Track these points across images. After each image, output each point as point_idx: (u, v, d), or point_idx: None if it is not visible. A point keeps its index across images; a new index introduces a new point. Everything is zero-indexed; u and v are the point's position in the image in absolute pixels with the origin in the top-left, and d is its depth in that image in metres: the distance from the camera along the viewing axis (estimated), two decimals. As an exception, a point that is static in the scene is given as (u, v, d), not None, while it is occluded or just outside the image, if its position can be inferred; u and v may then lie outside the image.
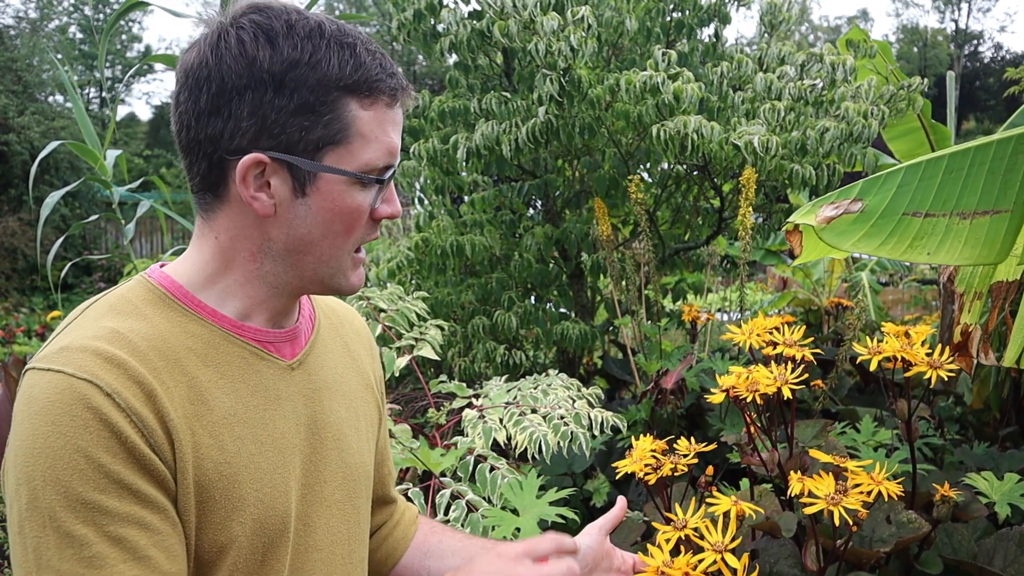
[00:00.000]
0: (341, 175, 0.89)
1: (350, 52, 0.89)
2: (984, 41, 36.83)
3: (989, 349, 1.95)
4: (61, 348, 0.82)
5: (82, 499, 0.77)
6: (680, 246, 3.40)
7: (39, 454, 0.77)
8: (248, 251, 0.92)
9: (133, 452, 0.80)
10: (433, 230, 3.22)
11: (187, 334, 0.89)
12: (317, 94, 0.87)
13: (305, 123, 0.87)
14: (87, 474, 0.77)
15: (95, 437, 0.78)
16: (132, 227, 3.80)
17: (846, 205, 1.63)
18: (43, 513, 0.76)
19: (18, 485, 0.78)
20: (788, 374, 1.29)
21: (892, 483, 1.17)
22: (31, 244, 13.11)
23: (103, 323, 0.86)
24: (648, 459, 1.31)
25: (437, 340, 2.29)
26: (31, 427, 0.78)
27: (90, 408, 0.78)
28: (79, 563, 0.76)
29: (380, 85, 0.90)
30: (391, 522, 1.23)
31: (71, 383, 0.79)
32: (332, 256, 0.93)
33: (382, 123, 0.91)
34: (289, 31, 0.87)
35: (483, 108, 2.86)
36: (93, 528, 0.77)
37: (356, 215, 0.91)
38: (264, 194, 0.89)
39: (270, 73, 0.86)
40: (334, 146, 0.89)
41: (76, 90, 3.92)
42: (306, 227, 0.91)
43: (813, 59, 2.92)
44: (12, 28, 25.03)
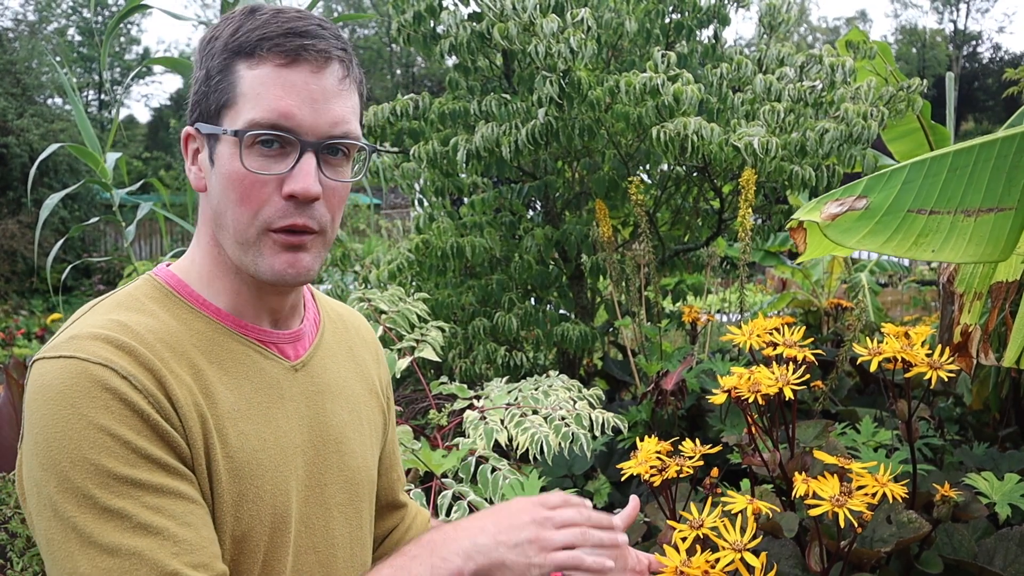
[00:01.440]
0: (225, 135, 0.88)
1: (252, 19, 0.89)
2: (983, 42, 36.86)
3: (989, 349, 1.95)
4: (71, 337, 0.82)
5: (114, 474, 0.77)
6: (680, 247, 3.40)
7: (62, 437, 0.77)
8: (208, 235, 0.94)
9: (156, 428, 0.81)
10: (433, 232, 3.22)
11: (191, 331, 0.90)
12: (213, 59, 0.90)
13: (204, 89, 0.90)
14: (115, 451, 0.78)
15: (117, 415, 0.79)
16: (132, 229, 3.80)
17: (851, 202, 1.63)
18: (77, 493, 0.76)
19: (43, 471, 0.77)
20: (790, 375, 1.29)
21: (896, 485, 1.18)
22: (31, 246, 13.10)
23: (110, 316, 0.86)
24: (653, 461, 1.31)
25: (438, 342, 2.29)
26: (50, 413, 0.78)
27: (108, 389, 0.79)
28: (124, 534, 0.77)
29: (266, 44, 0.87)
30: (402, 527, 1.22)
31: (86, 367, 0.79)
32: (236, 229, 0.89)
33: (268, 83, 0.87)
34: (229, 15, 0.92)
35: (483, 110, 2.87)
36: (131, 501, 0.78)
37: (247, 182, 0.88)
38: (196, 167, 0.93)
39: (198, 52, 0.92)
40: (226, 109, 0.89)
41: (75, 92, 3.93)
42: (216, 196, 0.91)
43: (812, 60, 2.93)
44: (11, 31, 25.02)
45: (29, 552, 1.96)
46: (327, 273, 3.81)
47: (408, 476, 2.00)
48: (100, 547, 0.76)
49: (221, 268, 0.94)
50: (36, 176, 13.50)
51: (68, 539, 0.76)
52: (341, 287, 3.58)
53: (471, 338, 3.03)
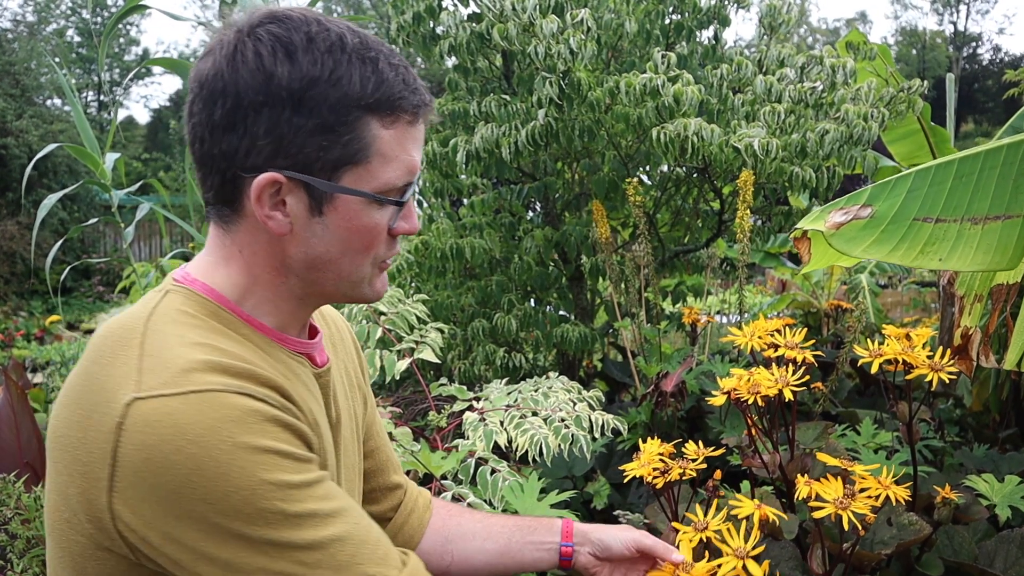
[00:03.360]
0: (361, 196, 0.87)
1: (372, 68, 0.86)
2: (983, 43, 36.87)
3: (990, 351, 1.95)
4: (183, 371, 0.79)
5: (292, 484, 0.80)
6: (680, 248, 3.40)
7: (229, 468, 0.77)
8: (271, 267, 0.91)
9: (300, 433, 0.85)
10: (433, 233, 3.21)
11: (256, 344, 0.90)
12: (337, 113, 0.84)
13: (324, 143, 0.85)
14: (284, 464, 0.80)
15: (272, 434, 0.81)
16: (131, 230, 3.80)
17: (855, 211, 1.62)
18: (265, 513, 0.78)
19: (210, 504, 0.77)
20: (789, 376, 1.29)
21: (899, 488, 1.17)
22: (30, 248, 13.10)
23: (192, 339, 0.84)
24: (656, 463, 1.31)
25: (437, 343, 2.29)
26: (204, 452, 0.76)
27: (255, 411, 0.80)
28: (318, 528, 0.81)
29: (402, 103, 0.87)
30: (404, 509, 1.23)
31: (226, 398, 0.79)
32: (352, 272, 0.92)
33: (403, 141, 0.88)
34: (309, 45, 0.84)
35: (482, 111, 2.86)
36: (312, 500, 0.82)
37: (375, 233, 0.90)
38: (279, 212, 0.87)
39: (288, 90, 0.83)
40: (353, 166, 0.86)
41: (74, 93, 3.92)
42: (324, 246, 0.89)
43: (813, 61, 2.92)
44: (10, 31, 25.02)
45: (29, 553, 1.96)
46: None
47: (408, 477, 1.99)
48: (302, 547, 0.80)
49: (279, 294, 0.93)
50: (35, 177, 13.50)
51: (262, 554, 0.79)
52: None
53: (470, 339, 3.03)
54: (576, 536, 1.21)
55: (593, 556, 1.20)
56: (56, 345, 8.08)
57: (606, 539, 1.19)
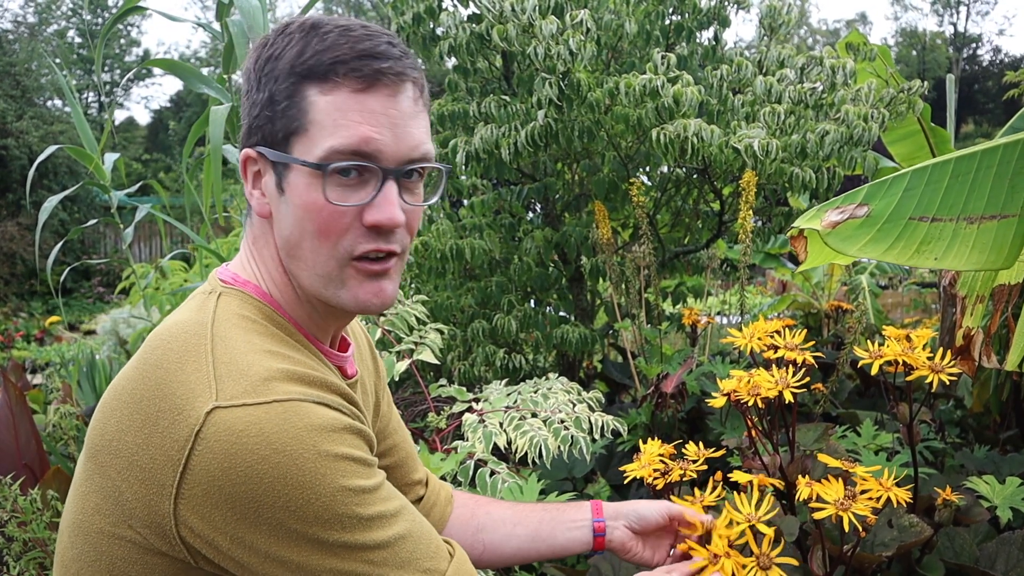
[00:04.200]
0: (298, 164, 0.85)
1: (319, 39, 0.85)
2: (983, 44, 36.88)
3: (991, 352, 1.94)
4: (264, 380, 0.80)
5: (365, 489, 0.83)
6: (680, 249, 3.40)
7: (313, 476, 0.79)
8: (273, 259, 0.94)
9: (366, 438, 0.87)
10: (432, 234, 3.21)
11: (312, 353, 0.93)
12: (278, 83, 0.85)
13: (268, 113, 0.86)
14: (359, 471, 0.83)
15: (349, 442, 0.83)
16: (131, 231, 3.79)
17: (851, 209, 1.61)
18: (342, 518, 0.81)
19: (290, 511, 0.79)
20: (789, 378, 1.29)
21: (901, 489, 1.17)
22: (30, 249, 13.11)
23: (263, 347, 0.85)
24: (656, 464, 1.30)
25: (437, 344, 2.28)
26: (288, 460, 0.78)
27: (334, 420, 0.82)
28: (385, 528, 0.85)
29: (340, 68, 0.84)
30: (427, 503, 1.24)
31: (309, 408, 0.81)
32: (315, 261, 0.88)
33: (346, 110, 0.84)
34: (283, 31, 0.88)
35: (482, 112, 2.86)
36: (380, 502, 0.85)
37: (326, 212, 0.85)
38: (259, 191, 0.90)
39: (255, 71, 0.88)
40: (296, 136, 0.85)
41: (74, 94, 3.92)
42: (288, 227, 0.88)
43: (813, 62, 2.92)
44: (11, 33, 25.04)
45: (26, 556, 1.96)
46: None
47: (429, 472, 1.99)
48: (373, 547, 0.84)
49: (294, 293, 0.94)
50: (36, 178, 13.51)
51: (335, 556, 0.82)
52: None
53: (470, 340, 3.03)
54: (607, 512, 1.20)
55: (629, 529, 1.18)
56: (56, 346, 8.08)
57: (640, 509, 1.18)
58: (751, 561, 1.08)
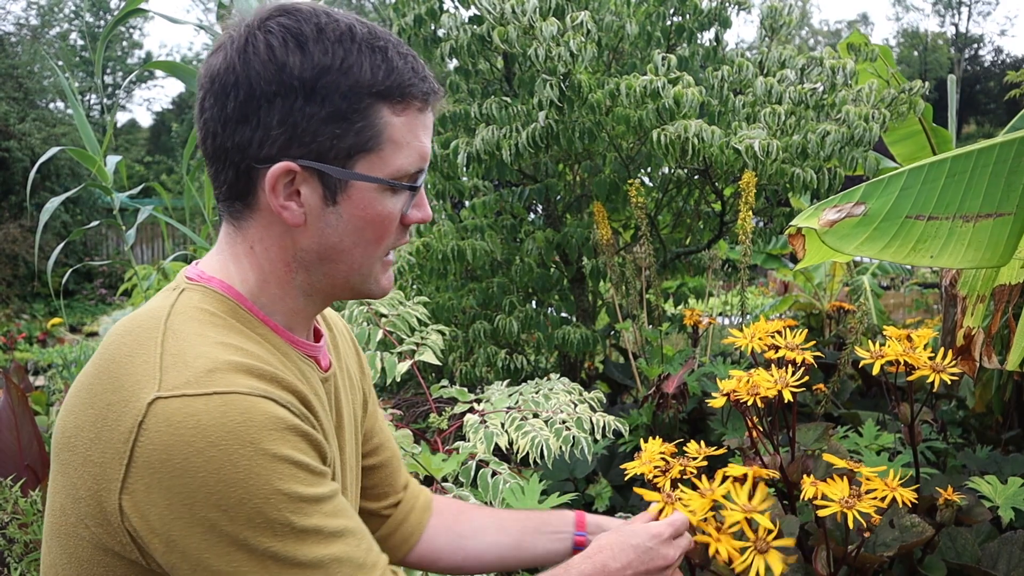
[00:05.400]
0: (374, 183, 0.88)
1: (382, 56, 0.87)
2: (984, 45, 36.87)
3: (992, 352, 1.94)
4: (208, 371, 0.79)
5: (304, 497, 0.80)
6: (681, 250, 3.40)
7: (247, 475, 0.76)
8: (283, 261, 0.91)
9: (316, 444, 0.84)
10: (434, 235, 3.21)
11: (273, 345, 0.90)
12: (349, 101, 0.85)
13: (337, 131, 0.85)
14: (299, 476, 0.80)
15: (292, 443, 0.80)
16: (133, 233, 3.80)
17: (849, 208, 1.62)
18: (272, 524, 0.78)
19: (223, 511, 0.76)
20: (789, 377, 1.29)
21: (906, 489, 1.17)
22: (32, 250, 13.12)
23: (215, 338, 0.84)
24: (657, 461, 1.30)
25: (438, 345, 2.29)
26: (223, 454, 0.75)
27: (278, 419, 0.79)
28: (321, 545, 0.81)
29: (412, 90, 0.88)
30: (404, 507, 1.23)
31: (252, 402, 0.78)
32: (363, 263, 0.92)
33: (414, 128, 0.90)
34: (319, 35, 0.85)
35: (483, 113, 2.86)
36: (320, 516, 0.81)
37: (388, 222, 0.91)
38: (294, 203, 0.88)
39: (300, 80, 0.84)
40: (366, 153, 0.87)
41: (76, 97, 3.93)
42: (337, 236, 0.90)
43: (813, 63, 2.92)
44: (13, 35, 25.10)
45: (27, 558, 1.96)
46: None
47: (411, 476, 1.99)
48: (303, 564, 0.79)
49: (288, 291, 0.93)
50: (38, 180, 13.53)
51: (267, 567, 0.78)
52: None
53: (471, 341, 3.03)
54: (589, 526, 1.21)
55: None
56: (58, 348, 8.08)
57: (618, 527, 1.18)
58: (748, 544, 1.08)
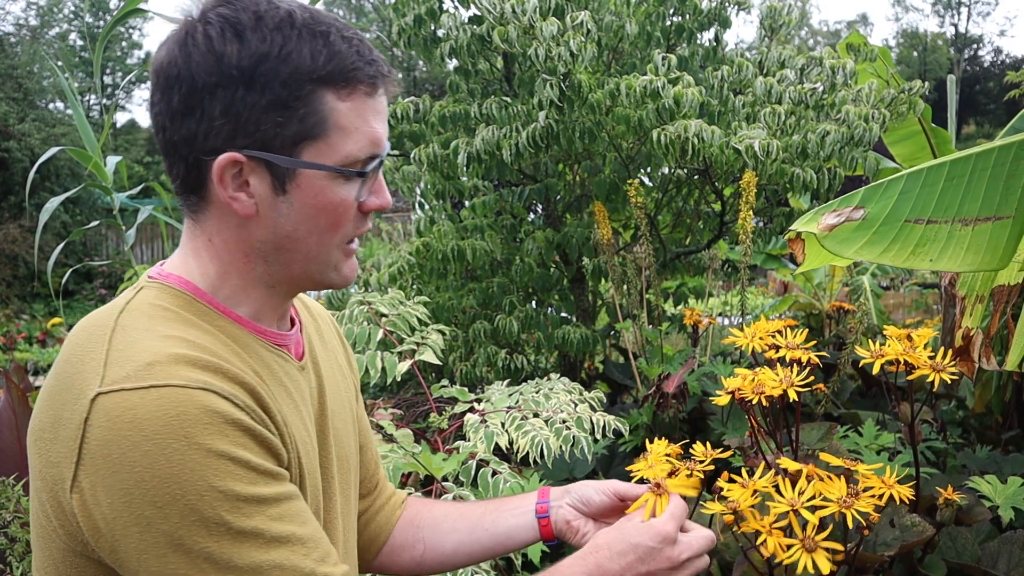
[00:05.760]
0: (321, 170, 0.86)
1: (323, 41, 0.85)
2: (984, 45, 36.90)
3: (991, 353, 1.94)
4: (147, 364, 0.77)
5: (242, 496, 0.77)
6: (681, 250, 3.40)
7: (182, 471, 0.74)
8: (241, 253, 0.90)
9: (264, 441, 0.81)
10: (434, 235, 3.21)
11: (231, 337, 0.88)
12: (290, 88, 0.84)
13: (279, 119, 0.84)
14: (237, 473, 0.77)
15: (231, 438, 0.78)
16: (133, 233, 3.81)
17: (848, 212, 1.63)
18: (207, 523, 0.75)
19: (158, 508, 0.74)
20: (794, 376, 1.29)
21: (903, 487, 1.17)
22: (32, 251, 13.11)
23: (162, 332, 0.82)
24: (665, 464, 1.30)
25: (438, 345, 2.29)
26: (157, 449, 0.74)
27: (216, 412, 0.77)
28: (260, 550, 0.78)
29: (357, 74, 0.86)
30: (374, 507, 1.21)
31: (187, 394, 0.76)
32: (320, 252, 0.91)
33: (362, 113, 0.87)
34: (257, 23, 0.84)
35: (483, 113, 2.86)
36: (260, 518, 0.78)
37: (341, 209, 0.89)
38: (243, 194, 0.87)
39: (239, 69, 0.83)
40: (312, 140, 0.86)
41: (76, 97, 3.93)
42: (291, 225, 0.88)
43: (813, 63, 2.92)
44: (12, 35, 25.09)
45: (29, 557, 1.96)
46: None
47: (409, 480, 1.99)
48: (240, 569, 0.77)
49: (250, 282, 0.92)
50: (38, 181, 13.52)
51: (201, 570, 0.76)
52: (342, 290, 3.58)
53: (472, 341, 3.03)
54: (553, 494, 1.16)
55: (574, 508, 1.14)
56: (58, 348, 8.08)
57: (584, 489, 1.15)
58: (796, 542, 1.07)
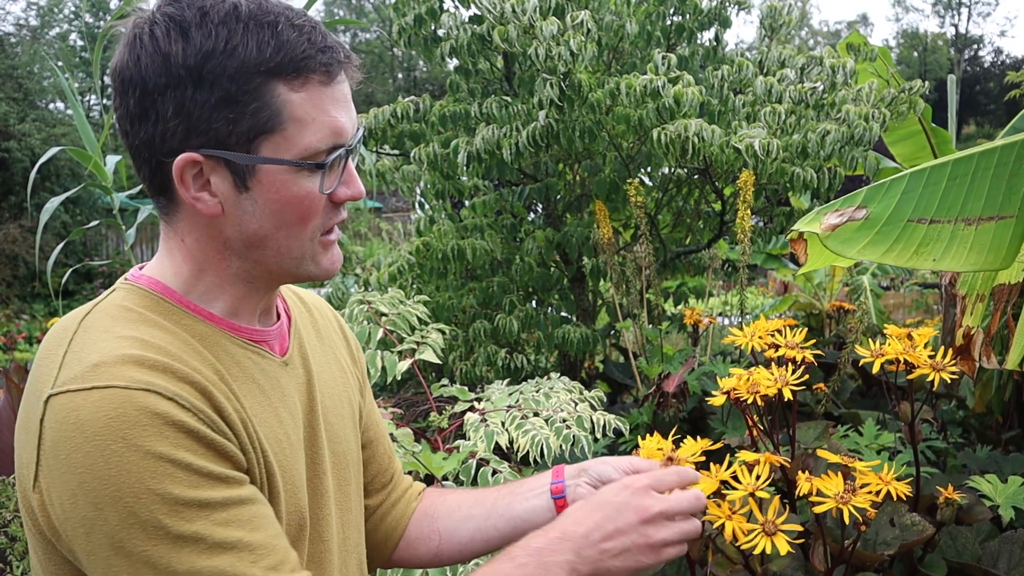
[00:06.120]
0: (279, 165, 0.84)
1: (271, 32, 0.83)
2: (984, 45, 36.90)
3: (991, 352, 1.94)
4: (94, 365, 0.77)
5: (182, 500, 0.76)
6: (681, 250, 3.40)
7: (119, 473, 0.74)
8: (215, 251, 0.89)
9: (211, 444, 0.79)
10: (434, 234, 3.21)
11: (196, 336, 0.87)
12: (238, 83, 0.81)
13: (230, 115, 0.82)
14: (177, 476, 0.76)
15: (172, 440, 0.76)
16: (132, 233, 3.81)
17: (850, 212, 1.62)
18: (146, 527, 0.74)
19: (99, 510, 0.74)
20: (789, 375, 1.29)
21: (901, 483, 1.17)
22: (32, 251, 13.10)
23: (119, 332, 0.81)
24: (658, 456, 1.30)
25: (438, 344, 2.29)
26: (96, 450, 0.73)
27: (157, 414, 0.76)
28: (202, 556, 0.76)
29: (309, 63, 0.84)
30: (389, 500, 1.20)
31: (128, 395, 0.75)
32: (293, 246, 0.89)
33: (319, 103, 0.85)
34: (202, 19, 0.82)
35: (484, 112, 2.86)
36: (202, 522, 0.76)
37: (308, 202, 0.87)
38: (206, 194, 0.85)
39: (186, 68, 0.81)
40: (268, 134, 0.83)
41: (76, 97, 3.93)
42: (256, 222, 0.87)
43: (813, 62, 2.92)
44: (13, 35, 25.10)
45: (28, 557, 1.96)
46: (328, 276, 3.79)
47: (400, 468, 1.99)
48: (180, 574, 0.75)
49: (226, 279, 0.91)
50: (38, 181, 13.52)
51: (140, 572, 0.75)
52: (342, 290, 3.57)
53: (472, 340, 3.03)
54: (567, 474, 1.13)
55: (591, 486, 1.11)
56: (58, 348, 8.07)
57: (601, 467, 1.12)
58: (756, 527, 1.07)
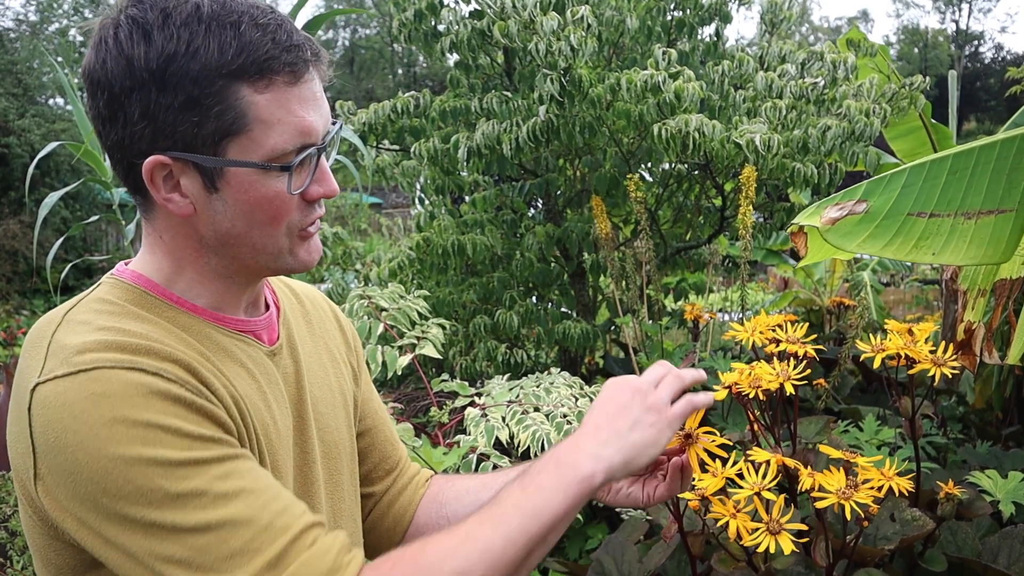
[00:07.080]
0: (244, 167, 0.84)
1: (233, 33, 0.82)
2: (985, 42, 36.88)
3: (992, 347, 1.94)
4: (77, 352, 0.78)
5: (176, 461, 0.77)
6: (681, 245, 3.40)
7: (110, 444, 0.75)
8: (192, 248, 0.90)
9: (200, 409, 0.80)
10: (434, 230, 3.21)
11: (180, 326, 0.88)
12: (200, 86, 0.81)
13: (194, 118, 0.82)
14: (168, 440, 0.77)
15: (159, 408, 0.77)
16: (132, 228, 3.80)
17: (851, 206, 1.62)
18: (144, 492, 0.76)
19: (96, 484, 0.75)
20: (791, 370, 1.29)
21: (902, 479, 1.17)
22: (32, 246, 13.10)
23: (101, 324, 0.82)
24: None
25: (439, 339, 2.29)
26: (86, 428, 0.75)
27: (143, 385, 0.77)
28: (207, 509, 0.77)
29: (272, 64, 0.83)
30: (395, 487, 1.19)
31: (113, 373, 0.77)
32: (267, 244, 0.89)
33: (285, 103, 0.84)
34: (164, 21, 0.81)
35: (484, 107, 2.86)
36: (201, 478, 0.77)
37: (278, 202, 0.87)
38: (177, 195, 0.86)
39: (149, 71, 0.81)
40: (234, 136, 0.83)
41: (76, 92, 3.93)
42: (228, 221, 0.87)
43: (814, 57, 2.92)
44: (12, 31, 25.06)
45: (29, 551, 1.96)
46: (328, 272, 3.80)
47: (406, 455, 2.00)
48: (188, 530, 0.76)
49: (205, 274, 0.91)
50: (37, 176, 13.51)
51: (150, 537, 0.76)
52: (342, 285, 3.57)
53: (472, 336, 3.03)
54: None
55: None
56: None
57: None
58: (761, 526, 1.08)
